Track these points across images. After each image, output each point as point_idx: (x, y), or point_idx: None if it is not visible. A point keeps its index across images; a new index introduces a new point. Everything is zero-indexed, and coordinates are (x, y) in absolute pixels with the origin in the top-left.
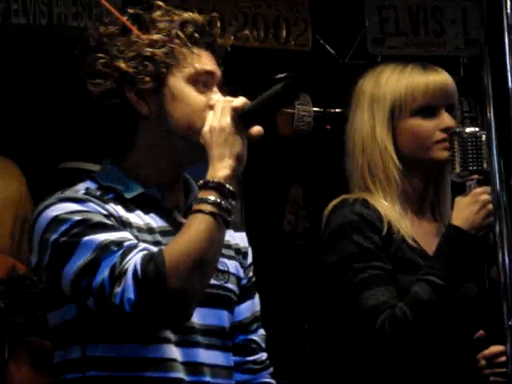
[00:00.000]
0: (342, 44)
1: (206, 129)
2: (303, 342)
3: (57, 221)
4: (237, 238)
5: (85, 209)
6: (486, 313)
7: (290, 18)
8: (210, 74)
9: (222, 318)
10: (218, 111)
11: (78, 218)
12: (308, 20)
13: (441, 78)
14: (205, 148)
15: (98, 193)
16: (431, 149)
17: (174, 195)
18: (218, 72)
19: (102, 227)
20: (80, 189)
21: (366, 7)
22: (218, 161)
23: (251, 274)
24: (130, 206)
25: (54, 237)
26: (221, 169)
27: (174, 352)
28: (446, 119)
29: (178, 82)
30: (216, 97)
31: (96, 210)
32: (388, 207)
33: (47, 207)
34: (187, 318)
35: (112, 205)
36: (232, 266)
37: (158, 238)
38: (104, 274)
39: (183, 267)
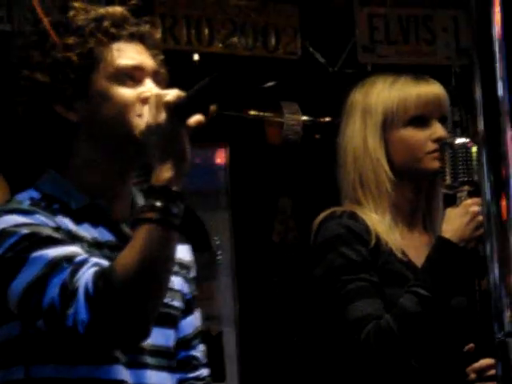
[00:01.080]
0: (331, 52)
1: (143, 127)
2: (292, 353)
3: (3, 235)
4: (179, 252)
5: (32, 221)
6: (476, 325)
7: (279, 25)
8: (136, 67)
9: (168, 337)
10: (152, 107)
11: (25, 231)
12: (297, 28)
13: (433, 88)
14: (145, 146)
15: (43, 203)
16: (423, 159)
17: (121, 206)
18: (149, 63)
19: (51, 242)
20: (23, 199)
21: (356, 15)
22: (159, 162)
23: (194, 287)
24: (77, 217)
25: (0, 251)
26: (164, 171)
27: (124, 373)
28: (438, 130)
29: (101, 82)
30: (146, 88)
31: (44, 222)
32: (377, 219)
33: None
34: (146, 335)
35: (60, 217)
36: (177, 282)
37: (107, 252)
38: (54, 292)
39: (137, 282)
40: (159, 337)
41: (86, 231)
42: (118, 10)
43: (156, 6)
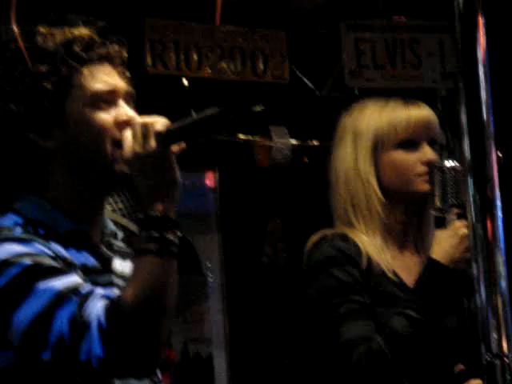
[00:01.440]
0: (319, 77)
1: (129, 155)
2: (283, 376)
3: (4, 265)
4: (127, 268)
5: (32, 251)
6: (465, 346)
7: (267, 50)
8: (109, 91)
9: None
10: (138, 135)
11: (27, 262)
12: (285, 53)
13: (422, 112)
14: (125, 173)
15: (29, 229)
16: (413, 181)
17: (97, 230)
18: (121, 85)
19: (54, 272)
20: (10, 225)
21: (342, 40)
22: (152, 192)
23: None
24: (64, 242)
25: (1, 282)
26: (157, 200)
27: None
28: (427, 152)
29: (76, 108)
30: (123, 111)
31: (42, 251)
32: (368, 241)
33: None
34: (158, 362)
35: (52, 243)
36: None
37: (95, 278)
38: (63, 325)
39: (147, 312)
40: None
41: (74, 257)
42: (84, 32)
43: (146, 31)
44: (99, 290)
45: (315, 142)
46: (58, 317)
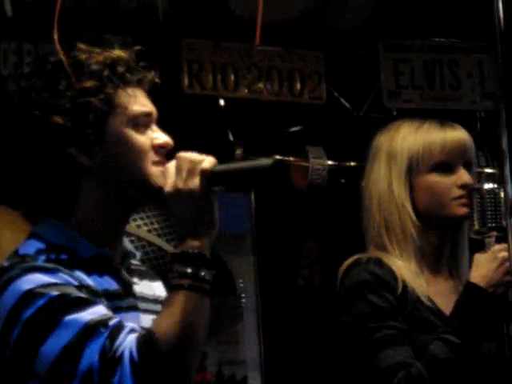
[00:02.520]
0: (356, 97)
1: (169, 189)
2: None
3: (30, 296)
4: (156, 289)
5: (58, 281)
6: (506, 372)
7: (305, 71)
8: (147, 114)
9: None
10: (183, 170)
11: (54, 293)
12: (322, 73)
13: (458, 134)
14: (159, 193)
15: (52, 256)
16: (448, 205)
17: (118, 251)
18: (154, 109)
19: (81, 304)
20: (32, 253)
21: (381, 60)
22: (190, 228)
23: None
24: (87, 267)
25: (28, 313)
26: (195, 238)
27: None
28: (463, 176)
29: (118, 128)
30: (159, 135)
31: (68, 281)
32: (403, 266)
33: (13, 279)
34: None
35: (76, 271)
36: None
37: (118, 303)
38: (93, 358)
39: (179, 349)
40: None
41: (96, 282)
42: (124, 54)
43: (183, 51)
44: (130, 324)
45: (352, 163)
46: (88, 349)
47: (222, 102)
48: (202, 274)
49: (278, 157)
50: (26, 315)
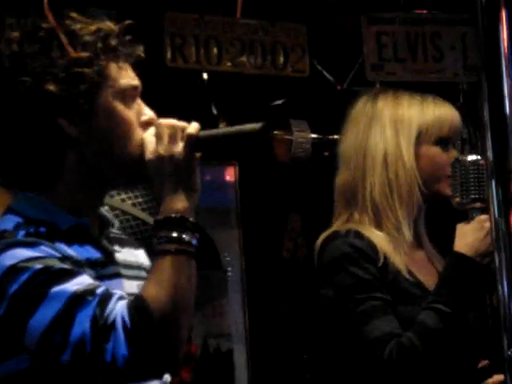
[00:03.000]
0: (339, 70)
1: (151, 156)
2: (302, 371)
3: (14, 271)
4: (141, 256)
5: (40, 254)
6: (489, 341)
7: (288, 44)
8: (135, 87)
9: None
10: (164, 136)
11: (38, 266)
12: (305, 46)
13: (457, 114)
14: (143, 171)
15: (31, 229)
16: (442, 182)
17: (96, 221)
18: (139, 83)
19: (66, 274)
20: (12, 228)
21: (364, 33)
22: (173, 194)
23: None
24: (67, 239)
25: (13, 288)
26: (177, 202)
27: None
28: (454, 155)
29: (107, 100)
30: (144, 110)
31: (50, 253)
32: (382, 238)
33: None
34: (178, 363)
35: (56, 242)
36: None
37: (101, 272)
38: (84, 326)
39: (170, 313)
40: None
41: (78, 253)
42: (115, 27)
43: (166, 25)
44: (118, 292)
45: (336, 136)
46: (78, 318)
47: (205, 76)
48: (187, 237)
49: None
50: (12, 290)
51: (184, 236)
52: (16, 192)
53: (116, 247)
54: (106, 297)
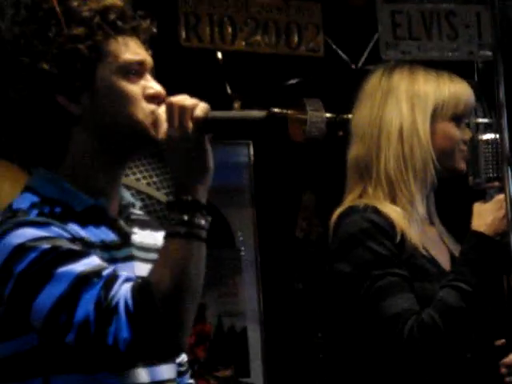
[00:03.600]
0: (354, 49)
1: (162, 136)
2: (316, 350)
3: (22, 250)
4: (158, 238)
5: (49, 234)
6: (506, 320)
7: (302, 23)
8: (139, 62)
9: None
10: (174, 117)
11: (46, 246)
12: (320, 25)
13: (471, 91)
14: (150, 142)
15: (46, 209)
16: (456, 157)
17: (115, 202)
18: (148, 58)
19: (73, 256)
20: (26, 208)
21: (378, 12)
22: (184, 176)
23: None
24: (81, 220)
25: (20, 267)
26: (189, 184)
27: (144, 376)
28: (467, 131)
29: (107, 76)
30: (151, 84)
31: (60, 234)
32: (399, 213)
33: (4, 234)
34: (183, 348)
35: (70, 224)
36: None
37: (114, 254)
38: (88, 308)
39: (175, 297)
40: None
41: (93, 234)
42: (118, 2)
43: (179, 4)
44: (123, 272)
45: (350, 115)
46: (83, 300)
47: (219, 55)
48: (197, 220)
49: (275, 110)
50: (19, 269)
51: (195, 219)
52: (35, 169)
53: (135, 229)
54: (112, 279)
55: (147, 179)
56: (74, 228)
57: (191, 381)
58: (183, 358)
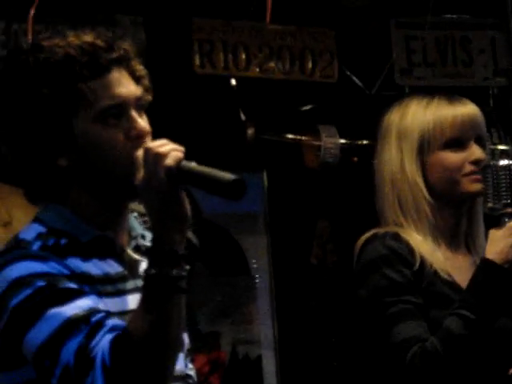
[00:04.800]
0: (368, 75)
1: (137, 182)
2: (333, 377)
3: (18, 284)
4: None
5: (47, 270)
6: None
7: (316, 49)
8: (118, 105)
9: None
10: (149, 163)
11: (41, 283)
12: (334, 51)
13: (468, 109)
14: (130, 183)
15: (51, 241)
16: (461, 182)
17: (123, 234)
18: (131, 93)
19: (67, 295)
20: (31, 239)
21: (392, 38)
22: (159, 225)
23: None
24: (86, 252)
25: (14, 302)
26: (165, 233)
27: None
28: (475, 151)
29: (85, 127)
30: (134, 125)
31: (58, 270)
32: (420, 240)
33: (5, 265)
34: None
35: (70, 258)
36: None
37: (119, 286)
38: (69, 356)
39: (154, 352)
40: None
41: (96, 267)
42: (87, 41)
43: (193, 31)
44: (110, 321)
45: (365, 142)
46: (67, 346)
47: (233, 82)
48: (175, 272)
49: (289, 136)
50: (13, 303)
51: (172, 271)
52: (46, 203)
53: (144, 260)
54: (98, 326)
55: None
56: (75, 262)
57: (192, 367)
58: (193, 372)
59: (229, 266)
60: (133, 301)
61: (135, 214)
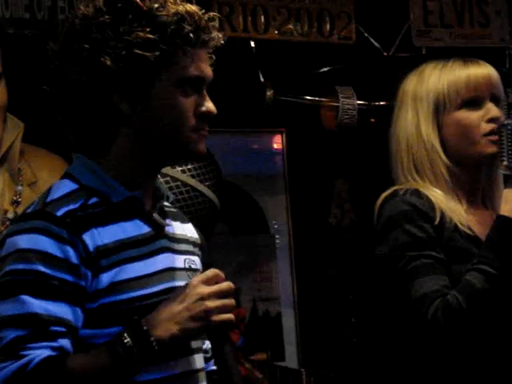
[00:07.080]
0: (386, 37)
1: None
2: (350, 334)
3: (19, 255)
4: (187, 230)
5: (54, 253)
6: None
7: (334, 11)
8: (199, 78)
9: None
10: (190, 301)
11: (38, 266)
12: (352, 13)
13: (482, 69)
14: (193, 155)
15: (80, 201)
16: (478, 142)
17: (149, 196)
18: (209, 74)
19: (48, 293)
20: (58, 196)
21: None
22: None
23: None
24: (113, 213)
25: (7, 268)
26: (163, 330)
27: (179, 364)
28: (491, 110)
29: (165, 86)
30: (208, 105)
31: (66, 255)
32: (441, 195)
33: (20, 232)
34: None
35: (93, 229)
36: (197, 262)
37: (146, 248)
38: (3, 340)
39: None
40: None
41: (121, 229)
42: (195, 12)
43: None
44: (59, 342)
45: (382, 103)
46: (7, 332)
47: (252, 44)
48: (135, 350)
49: (307, 97)
50: (6, 269)
51: (133, 347)
52: (77, 155)
53: (168, 220)
54: (48, 337)
55: (182, 166)
56: (96, 234)
57: (215, 367)
58: (207, 344)
59: (249, 225)
60: (161, 260)
61: (167, 178)
